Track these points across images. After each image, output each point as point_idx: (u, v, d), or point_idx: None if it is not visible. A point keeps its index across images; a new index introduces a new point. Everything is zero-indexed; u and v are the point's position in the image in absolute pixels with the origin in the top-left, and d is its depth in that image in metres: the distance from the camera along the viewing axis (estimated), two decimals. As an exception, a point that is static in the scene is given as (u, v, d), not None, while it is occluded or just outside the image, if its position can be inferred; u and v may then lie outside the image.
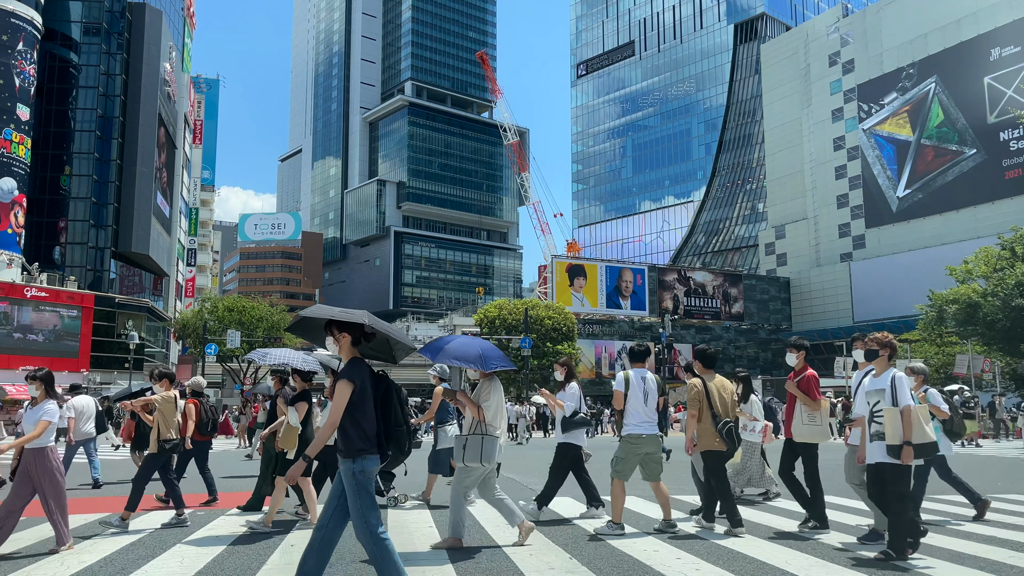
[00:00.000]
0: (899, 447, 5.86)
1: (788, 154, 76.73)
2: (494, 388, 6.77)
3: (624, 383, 7.30)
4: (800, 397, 7.29)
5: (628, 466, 7.29)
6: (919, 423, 5.91)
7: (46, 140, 53.42)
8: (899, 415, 5.90)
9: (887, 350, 6.41)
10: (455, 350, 6.65)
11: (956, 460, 17.53)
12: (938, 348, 41.76)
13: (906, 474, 5.96)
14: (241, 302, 52.96)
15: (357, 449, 4.36)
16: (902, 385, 6.01)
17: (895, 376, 6.11)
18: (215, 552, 6.42)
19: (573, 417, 8.09)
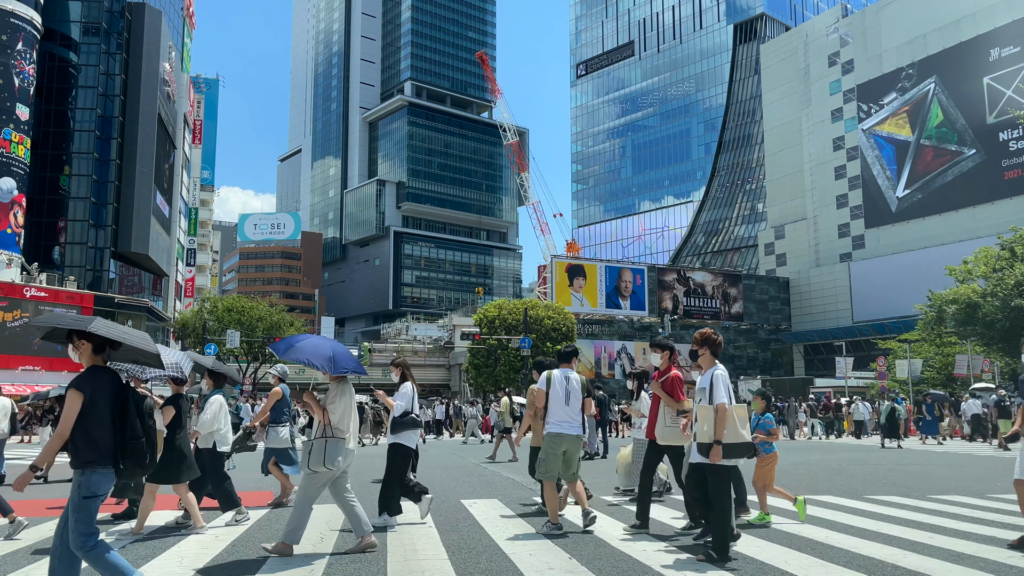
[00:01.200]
0: (709, 445, 5.73)
1: (787, 154, 76.76)
2: (342, 392, 6.63)
3: (546, 382, 7.36)
4: (664, 398, 7.09)
5: (552, 466, 7.29)
6: (732, 422, 5.75)
7: (45, 140, 53.41)
8: (712, 413, 5.75)
9: (706, 348, 6.22)
10: (305, 349, 6.54)
11: (955, 460, 17.57)
12: (937, 348, 41.77)
13: (724, 474, 5.80)
14: (240, 302, 52.96)
15: (84, 461, 4.28)
16: (718, 383, 5.87)
17: (713, 375, 5.94)
18: (215, 552, 6.42)
19: (403, 418, 7.88)
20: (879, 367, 42.28)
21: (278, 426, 9.36)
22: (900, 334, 47.47)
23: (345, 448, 6.47)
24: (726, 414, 5.75)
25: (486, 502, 9.53)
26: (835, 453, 20.10)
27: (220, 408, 8.18)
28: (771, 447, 8.24)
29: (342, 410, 6.57)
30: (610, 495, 10.06)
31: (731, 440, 5.75)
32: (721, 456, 5.70)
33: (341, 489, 6.61)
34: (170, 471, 7.24)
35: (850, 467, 15.15)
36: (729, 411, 5.78)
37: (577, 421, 7.30)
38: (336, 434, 6.45)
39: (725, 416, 5.74)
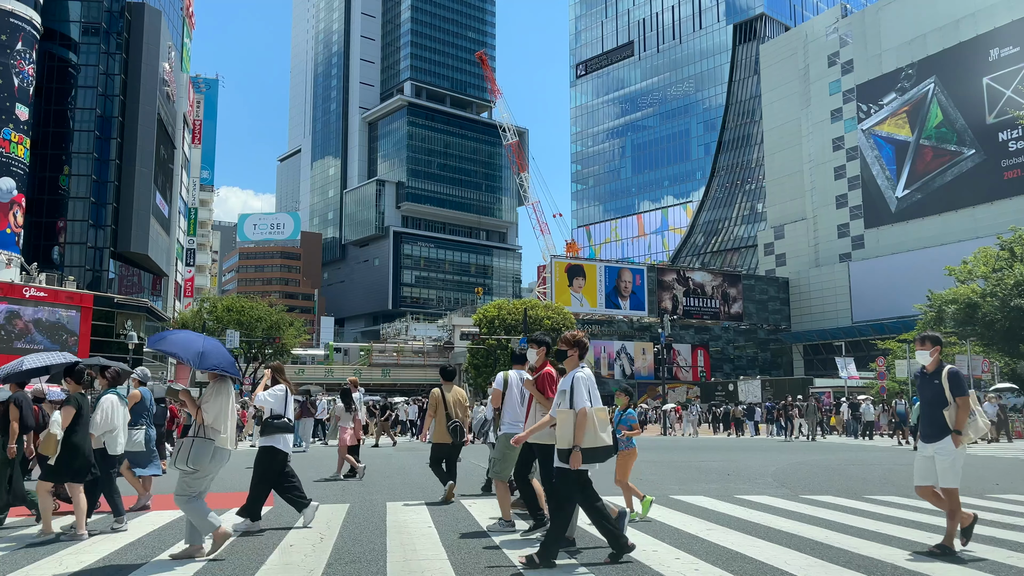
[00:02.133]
0: (568, 451, 5.56)
1: (787, 154, 76.78)
2: (219, 390, 6.43)
3: (503, 383, 7.43)
4: (536, 396, 6.89)
5: (507, 466, 7.41)
6: (592, 426, 5.60)
7: (45, 140, 53.38)
8: (572, 417, 5.60)
9: (576, 350, 6.10)
10: (176, 342, 6.40)
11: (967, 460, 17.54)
12: (937, 348, 41.71)
13: (572, 479, 5.66)
14: (240, 302, 53.00)
15: None
16: (579, 387, 5.71)
17: (575, 377, 5.80)
18: (214, 552, 6.41)
19: (274, 420, 7.76)
20: (878, 367, 42.29)
21: (133, 429, 9.13)
22: (900, 334, 47.48)
23: (216, 449, 6.29)
24: (586, 418, 5.58)
25: (486, 502, 9.53)
26: (835, 453, 20.11)
27: (112, 408, 7.91)
28: (631, 442, 8.32)
29: (217, 410, 6.37)
30: None
31: (591, 444, 5.59)
32: (581, 461, 5.54)
33: None
34: (65, 470, 7.10)
35: (849, 467, 15.15)
36: (590, 415, 5.61)
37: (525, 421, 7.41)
38: (208, 434, 6.28)
39: (585, 421, 5.57)
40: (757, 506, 9.20)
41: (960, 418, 6.24)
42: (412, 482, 12.13)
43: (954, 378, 6.36)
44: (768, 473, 13.72)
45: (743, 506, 9.15)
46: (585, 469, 5.69)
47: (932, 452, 6.36)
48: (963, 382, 6.37)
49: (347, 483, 12.06)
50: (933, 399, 6.43)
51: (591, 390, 5.79)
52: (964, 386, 6.32)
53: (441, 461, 9.70)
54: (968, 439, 6.29)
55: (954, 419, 6.25)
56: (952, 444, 6.23)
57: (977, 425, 6.33)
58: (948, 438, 6.25)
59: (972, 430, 6.31)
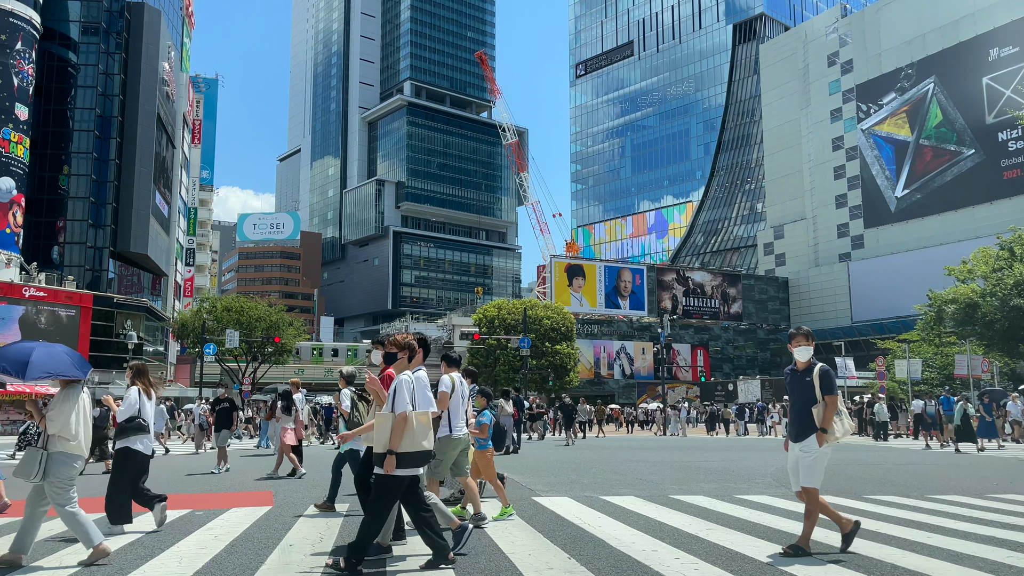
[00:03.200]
0: (383, 455, 5.42)
1: (787, 154, 76.80)
2: (65, 397, 6.05)
3: (451, 386, 7.52)
4: (375, 397, 6.66)
5: (446, 467, 7.52)
6: (410, 431, 5.48)
7: (44, 140, 53.38)
8: (390, 421, 5.48)
9: (405, 352, 5.95)
10: (2, 355, 5.97)
11: (954, 460, 17.56)
12: (936, 348, 41.79)
13: (390, 485, 5.48)
14: (240, 302, 52.90)
15: None
16: (400, 390, 5.56)
17: (399, 380, 5.63)
18: (214, 552, 6.42)
19: (129, 423, 7.68)
20: (878, 367, 42.31)
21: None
22: (899, 334, 47.50)
23: (67, 457, 5.95)
24: (404, 422, 5.46)
25: (485, 502, 9.52)
26: (834, 453, 20.09)
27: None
28: (486, 443, 8.38)
29: (64, 418, 5.98)
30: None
31: (408, 449, 5.47)
32: (395, 466, 5.40)
33: (36, 501, 6.02)
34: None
35: (849, 467, 15.16)
36: (409, 419, 5.50)
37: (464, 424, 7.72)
38: (57, 444, 5.94)
39: (403, 424, 5.45)
40: (757, 506, 9.21)
41: (827, 416, 6.14)
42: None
43: (825, 376, 6.25)
44: (768, 473, 13.72)
45: (743, 506, 9.15)
46: (405, 475, 5.49)
47: (798, 451, 6.28)
48: (833, 380, 6.27)
49: (347, 483, 12.03)
50: (803, 397, 6.31)
51: (417, 393, 5.62)
52: (834, 384, 6.24)
53: None
54: (833, 438, 6.19)
55: (821, 417, 6.16)
56: (816, 443, 6.15)
57: (844, 424, 6.25)
58: (813, 436, 6.17)
59: (839, 429, 6.21)
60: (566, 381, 52.21)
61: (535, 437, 31.18)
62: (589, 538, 6.97)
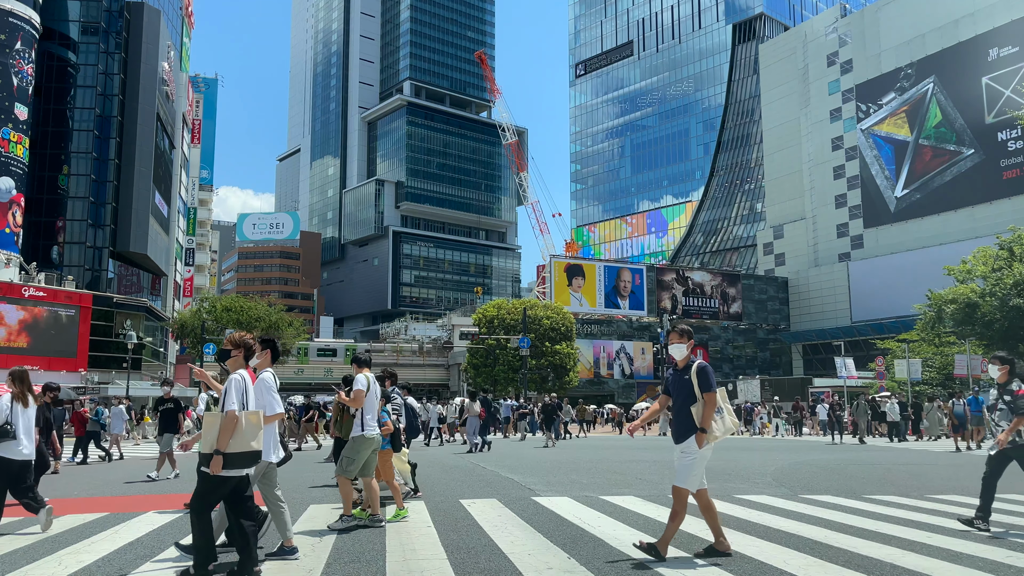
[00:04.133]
0: (210, 456, 5.27)
1: (786, 154, 76.80)
2: None
3: (366, 384, 7.65)
4: None
5: (359, 465, 7.62)
6: (240, 431, 5.33)
7: (44, 139, 53.38)
8: (218, 421, 5.33)
9: (240, 350, 5.79)
10: None
11: (954, 460, 17.56)
12: (936, 348, 41.80)
13: (214, 485, 5.31)
14: (239, 302, 52.92)
15: None
16: (229, 389, 5.43)
17: (231, 379, 5.51)
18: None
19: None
20: (877, 367, 42.31)
21: None
22: (899, 334, 47.50)
23: None
24: (232, 422, 5.32)
25: (485, 502, 9.53)
26: (834, 453, 20.11)
27: None
28: (387, 442, 8.42)
29: None
30: None
31: (236, 449, 5.31)
32: (221, 467, 5.24)
33: None
34: None
35: (848, 467, 15.16)
36: (240, 419, 5.36)
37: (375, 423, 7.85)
38: None
39: (231, 424, 5.31)
40: (756, 506, 9.21)
41: (706, 415, 5.92)
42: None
43: (702, 373, 6.01)
44: (767, 473, 13.72)
45: (742, 506, 9.15)
46: (231, 475, 5.35)
47: (680, 451, 6.09)
48: (711, 377, 6.01)
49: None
50: (683, 395, 6.07)
51: (244, 393, 5.50)
52: (712, 382, 5.99)
53: None
54: (713, 438, 5.97)
55: (700, 416, 5.94)
56: (696, 443, 5.94)
57: (725, 423, 6.02)
58: (693, 437, 5.96)
59: (719, 429, 5.99)
60: (566, 381, 52.25)
61: (516, 437, 30.20)
62: (589, 538, 6.98)
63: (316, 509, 8.98)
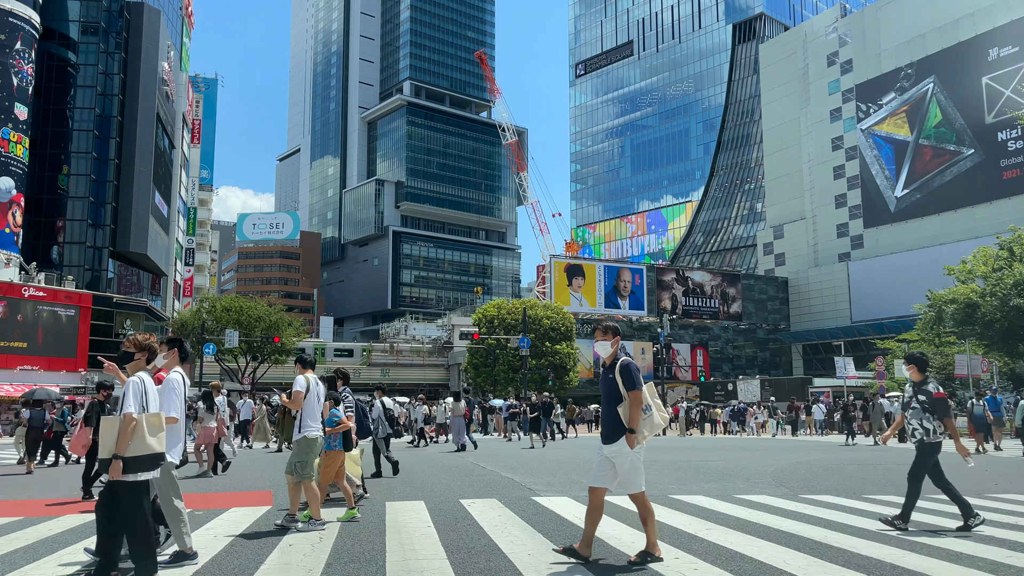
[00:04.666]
0: (110, 460, 5.11)
1: (786, 154, 76.79)
2: None
3: (306, 386, 7.67)
4: None
5: (311, 466, 7.65)
6: (139, 433, 5.20)
7: (44, 139, 53.37)
8: (117, 424, 5.18)
9: (144, 353, 5.60)
10: None
11: (954, 460, 17.55)
12: (936, 348, 41.77)
13: (128, 490, 5.17)
14: (239, 302, 52.92)
15: None
16: (128, 392, 5.29)
17: (129, 382, 5.36)
18: (213, 552, 6.42)
19: None
20: (877, 367, 42.30)
21: None
22: (899, 334, 47.49)
23: None
24: (130, 425, 5.17)
25: (485, 502, 9.54)
26: (834, 453, 20.11)
27: None
28: (336, 443, 8.40)
29: None
30: None
31: (136, 453, 5.17)
32: (121, 471, 5.10)
33: None
34: None
35: (848, 467, 15.16)
36: (138, 421, 5.22)
37: (320, 425, 7.86)
38: None
39: (129, 427, 5.17)
40: (756, 506, 9.21)
41: (632, 414, 5.71)
42: (412, 482, 12.13)
43: (625, 371, 5.80)
44: (767, 473, 13.72)
45: (742, 506, 9.15)
46: (135, 479, 5.19)
47: (610, 454, 5.83)
48: (635, 375, 5.78)
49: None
50: (610, 395, 5.86)
51: (143, 395, 5.36)
52: (636, 379, 5.75)
53: None
54: (642, 437, 5.77)
55: (627, 416, 5.74)
56: (627, 445, 5.72)
57: (653, 421, 5.84)
58: (623, 438, 5.73)
59: (647, 427, 5.81)
60: (566, 381, 52.24)
61: (507, 437, 29.80)
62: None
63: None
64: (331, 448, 8.37)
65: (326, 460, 8.38)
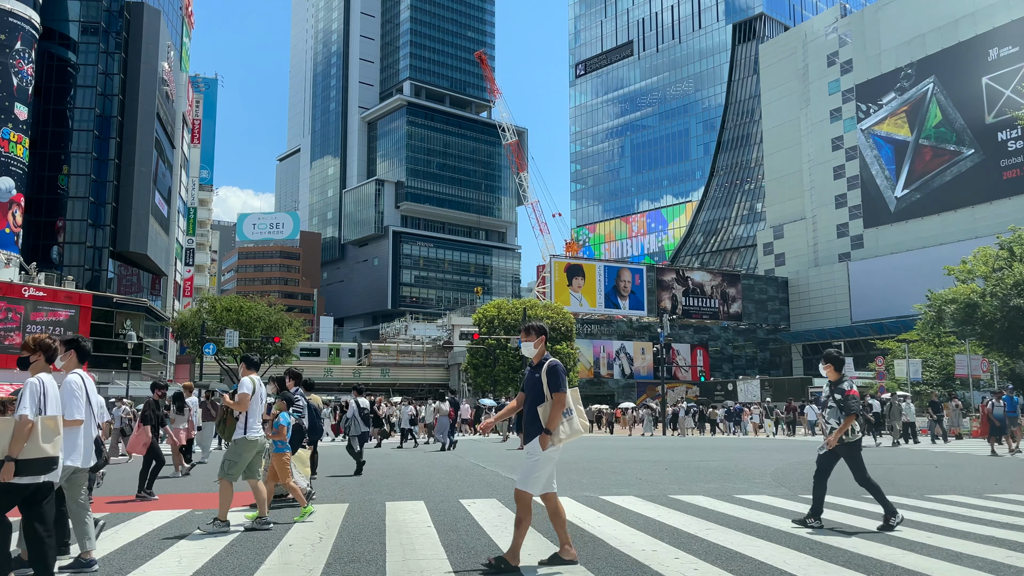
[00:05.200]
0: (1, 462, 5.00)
1: (786, 154, 76.79)
2: None
3: (251, 388, 7.66)
4: None
5: (241, 467, 7.65)
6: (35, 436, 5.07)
7: (44, 139, 53.33)
8: (10, 426, 5.05)
9: (39, 354, 5.49)
10: None
11: (954, 460, 17.55)
12: (936, 348, 41.78)
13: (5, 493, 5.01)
14: (239, 302, 52.88)
15: None
16: (24, 394, 5.17)
17: (27, 383, 5.25)
18: (213, 552, 6.42)
19: None
20: (877, 367, 42.32)
21: None
22: (899, 334, 47.48)
23: None
24: (24, 427, 5.04)
25: (485, 502, 9.54)
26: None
27: None
28: (284, 446, 8.44)
29: None
30: None
31: (30, 456, 5.05)
32: (12, 474, 4.98)
33: None
34: None
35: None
36: (34, 424, 5.08)
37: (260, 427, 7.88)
38: None
39: (24, 430, 5.03)
40: (756, 506, 9.21)
41: (552, 416, 5.60)
42: (412, 482, 12.13)
43: (551, 372, 5.70)
44: (767, 473, 13.72)
45: (742, 506, 9.15)
46: (25, 483, 5.06)
47: (526, 451, 5.80)
48: (560, 377, 5.69)
49: (346, 483, 12.05)
50: (533, 394, 5.77)
51: (41, 397, 5.24)
52: (560, 381, 5.66)
53: None
54: (558, 440, 5.64)
55: (546, 416, 5.63)
56: (540, 445, 5.61)
57: (572, 425, 5.71)
58: (538, 438, 5.64)
59: (564, 431, 5.69)
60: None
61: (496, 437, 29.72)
62: (589, 538, 6.97)
63: (316, 509, 8.98)
64: (281, 450, 8.43)
65: (276, 462, 8.45)
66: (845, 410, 7.61)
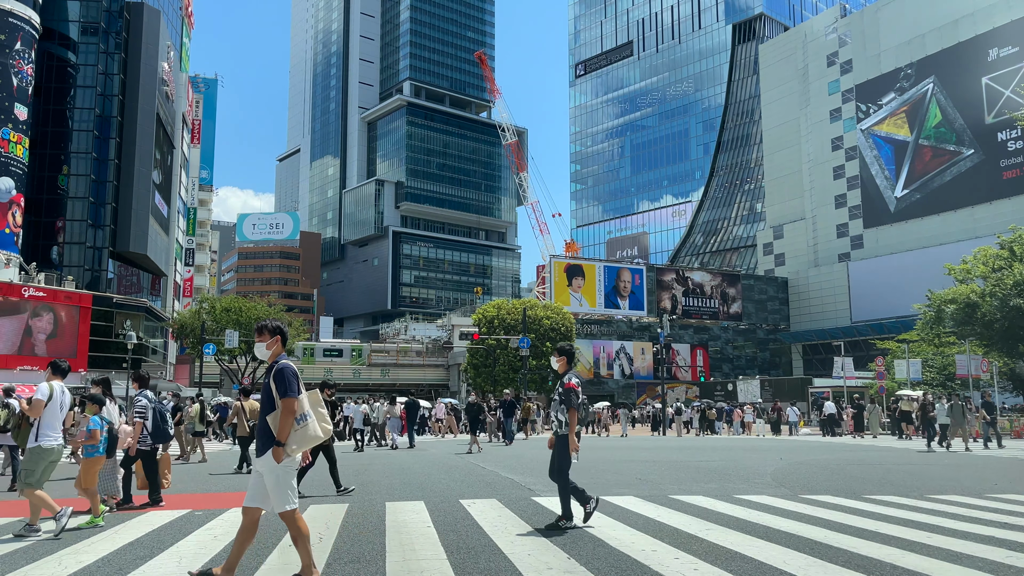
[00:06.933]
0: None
1: (786, 154, 76.80)
2: None
3: (47, 394, 7.57)
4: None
5: (39, 475, 7.55)
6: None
7: (44, 139, 53.32)
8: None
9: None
10: None
11: (954, 460, 17.56)
12: (936, 348, 41.78)
13: None
14: (239, 302, 52.88)
15: None
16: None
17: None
18: (213, 552, 6.42)
19: None
20: (877, 367, 42.33)
21: None
22: (899, 334, 47.47)
23: None
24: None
25: (485, 502, 9.53)
26: (834, 453, 20.10)
27: None
28: (96, 450, 8.33)
29: None
30: None
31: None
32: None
33: None
34: None
35: (848, 467, 15.16)
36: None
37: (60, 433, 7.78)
38: None
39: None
40: (756, 506, 9.20)
41: (281, 425, 5.05)
42: (412, 482, 12.12)
43: (279, 376, 5.15)
44: (767, 473, 13.72)
45: (742, 506, 9.15)
46: None
47: (260, 468, 5.16)
48: (289, 381, 5.13)
49: (345, 483, 12.03)
50: (265, 402, 5.22)
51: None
52: (290, 385, 5.11)
53: None
54: (292, 450, 5.10)
55: (276, 426, 5.08)
56: (274, 459, 5.05)
57: (307, 433, 5.15)
58: (271, 452, 5.06)
59: (297, 440, 5.12)
60: (566, 381, 52.19)
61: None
62: (588, 538, 6.97)
63: (316, 510, 8.99)
64: (91, 455, 8.21)
65: (86, 466, 8.18)
66: (566, 403, 7.61)
